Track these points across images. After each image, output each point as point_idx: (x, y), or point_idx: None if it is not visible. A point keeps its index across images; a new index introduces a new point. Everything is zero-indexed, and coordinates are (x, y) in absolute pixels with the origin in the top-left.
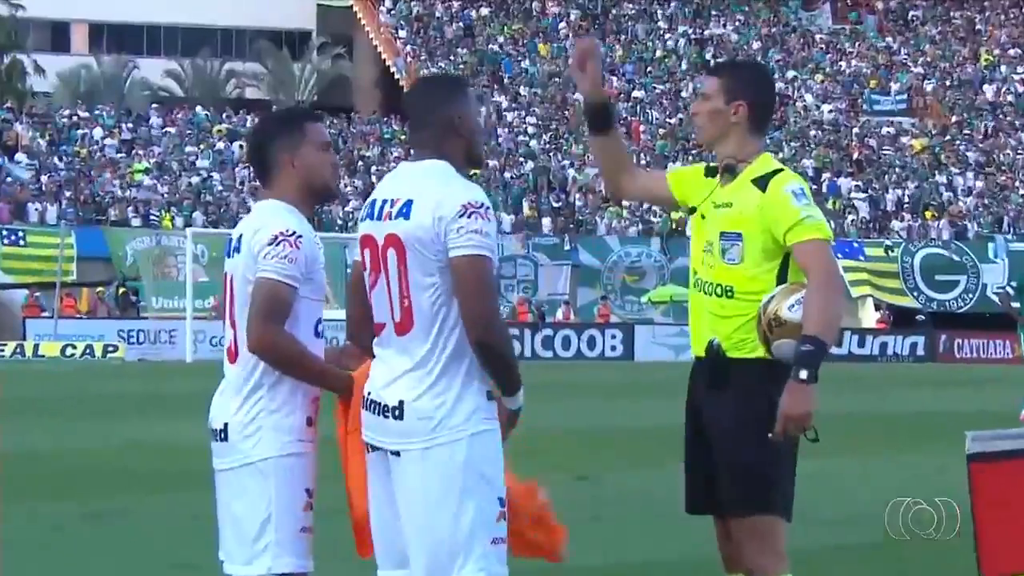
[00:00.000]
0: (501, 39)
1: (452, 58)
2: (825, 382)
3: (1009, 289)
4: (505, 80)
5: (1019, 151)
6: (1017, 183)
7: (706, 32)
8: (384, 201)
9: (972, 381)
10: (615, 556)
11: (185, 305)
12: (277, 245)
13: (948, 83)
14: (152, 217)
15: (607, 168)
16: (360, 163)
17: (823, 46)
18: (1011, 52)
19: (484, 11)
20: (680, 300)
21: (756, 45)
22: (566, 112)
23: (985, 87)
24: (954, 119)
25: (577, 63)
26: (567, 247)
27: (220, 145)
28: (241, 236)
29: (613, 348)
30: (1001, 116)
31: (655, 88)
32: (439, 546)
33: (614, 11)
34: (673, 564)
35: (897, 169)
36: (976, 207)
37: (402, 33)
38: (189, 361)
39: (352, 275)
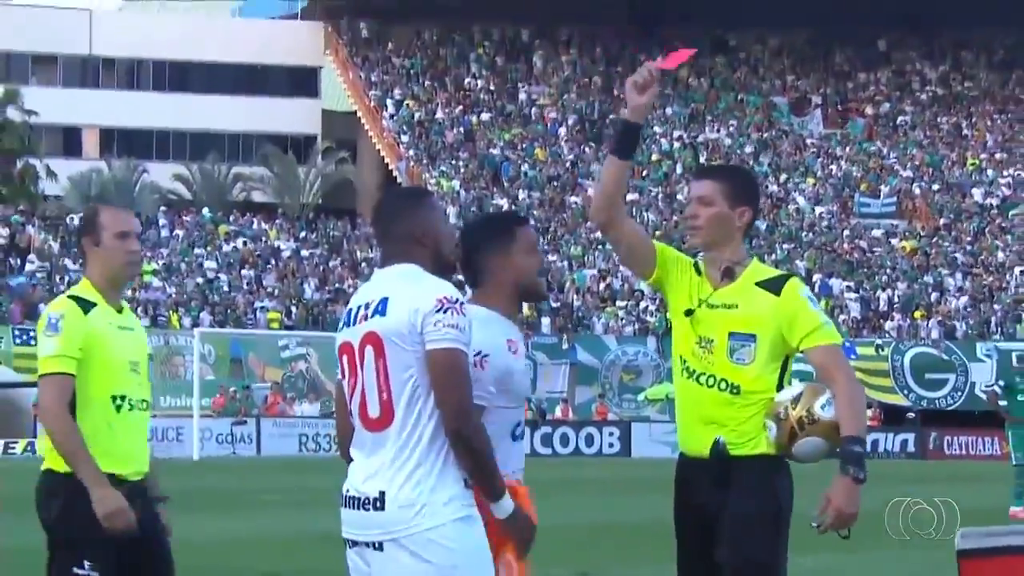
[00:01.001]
0: (500, 143)
1: (453, 162)
2: (819, 479)
3: (997, 388)
4: (504, 183)
5: (1006, 252)
6: (1004, 284)
7: (700, 136)
8: (358, 307)
9: (961, 477)
10: None
11: (192, 403)
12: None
13: (936, 186)
14: (160, 317)
15: (610, 193)
16: (364, 264)
17: (814, 150)
18: (997, 156)
19: (484, 116)
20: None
21: (749, 149)
22: (564, 214)
23: (973, 190)
24: (942, 221)
25: (641, 83)
26: (565, 346)
27: (227, 247)
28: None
29: (611, 445)
30: (988, 219)
31: (650, 191)
32: None
33: (611, 116)
34: None
35: (888, 270)
36: (965, 307)
37: (404, 138)
38: (196, 458)
39: (336, 394)
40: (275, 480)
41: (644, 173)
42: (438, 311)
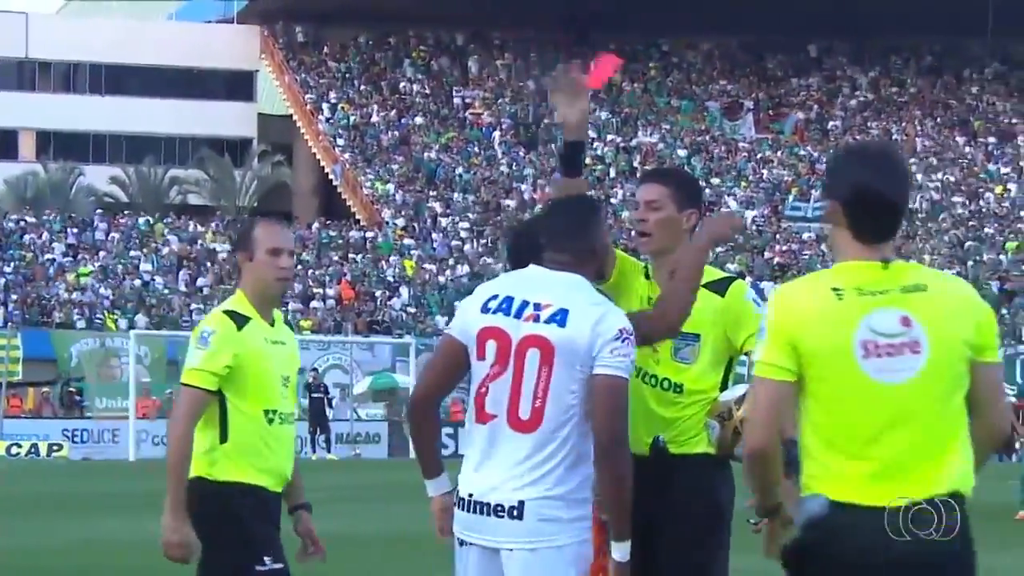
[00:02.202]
0: (435, 147)
1: (388, 165)
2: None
3: None
4: (439, 186)
5: (934, 257)
6: None
7: (634, 140)
8: (524, 302)
9: None
10: None
11: (128, 405)
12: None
13: None
14: (96, 319)
15: None
16: (299, 266)
17: (746, 154)
18: (926, 161)
19: (419, 120)
20: None
21: (682, 153)
22: (499, 216)
23: None
24: None
25: (567, 96)
26: None
27: (164, 249)
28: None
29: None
30: (917, 223)
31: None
32: None
33: (544, 121)
34: None
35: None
36: None
37: (340, 141)
38: (132, 460)
39: (441, 351)
40: None
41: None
42: (617, 339)
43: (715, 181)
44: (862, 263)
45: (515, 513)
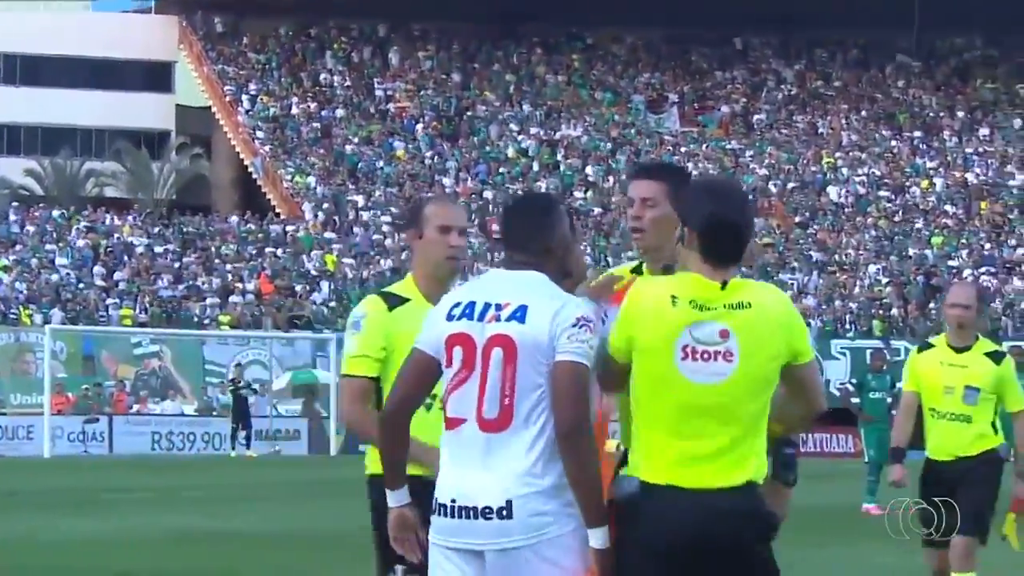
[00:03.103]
0: (357, 139)
1: (309, 158)
2: None
3: (850, 386)
4: (361, 179)
5: (860, 251)
6: (857, 282)
7: (557, 134)
8: (486, 304)
9: (815, 475)
10: None
11: (43, 401)
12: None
13: (791, 185)
14: (11, 314)
15: None
16: (218, 261)
17: (671, 148)
18: (852, 154)
19: (340, 112)
20: None
21: (606, 146)
22: None
23: (828, 188)
24: (797, 219)
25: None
26: None
27: (80, 243)
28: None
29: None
30: (843, 217)
31: (508, 188)
32: None
33: (468, 113)
34: None
35: (743, 268)
36: (818, 305)
37: (259, 134)
38: (47, 457)
39: (410, 364)
40: (128, 479)
41: (500, 170)
42: (574, 326)
43: None
44: (704, 281)
45: (504, 513)
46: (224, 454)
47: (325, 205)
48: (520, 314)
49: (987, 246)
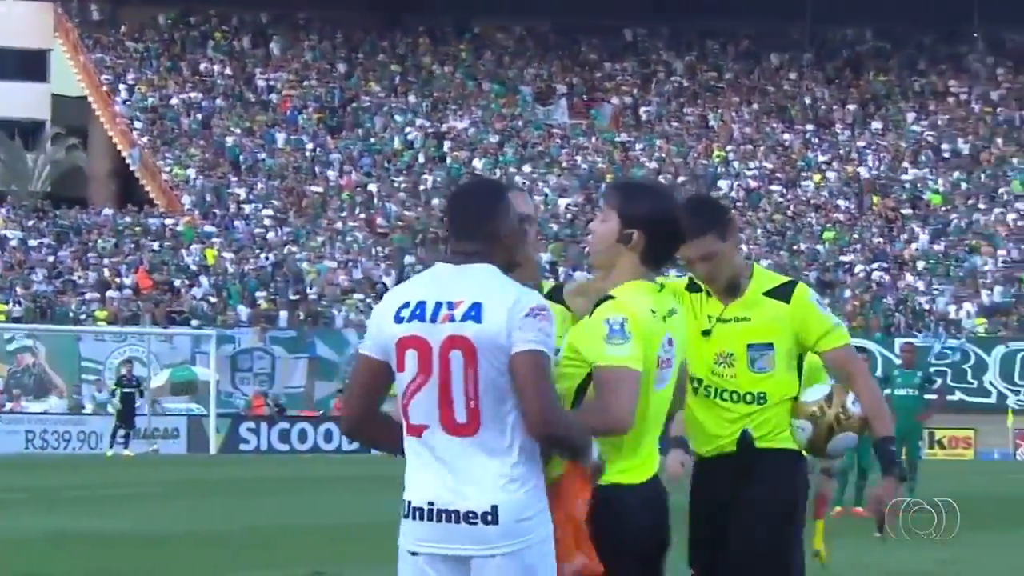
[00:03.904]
0: (238, 131)
1: (189, 149)
2: None
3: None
4: (242, 171)
5: (751, 245)
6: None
7: (444, 126)
8: (436, 303)
9: None
10: None
11: None
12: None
13: (682, 178)
14: None
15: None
16: (94, 255)
17: (559, 141)
18: (743, 148)
19: (220, 102)
20: None
21: (494, 139)
22: (303, 204)
23: (719, 182)
24: None
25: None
26: (305, 340)
27: None
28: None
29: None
30: (734, 211)
31: (393, 181)
32: None
33: (352, 104)
34: None
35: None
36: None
37: (137, 124)
38: None
39: (360, 371)
40: (1, 479)
41: (386, 163)
42: (528, 316)
43: (527, 168)
44: (650, 286)
45: (489, 519)
46: (100, 453)
47: (205, 197)
48: (475, 312)
49: (879, 241)
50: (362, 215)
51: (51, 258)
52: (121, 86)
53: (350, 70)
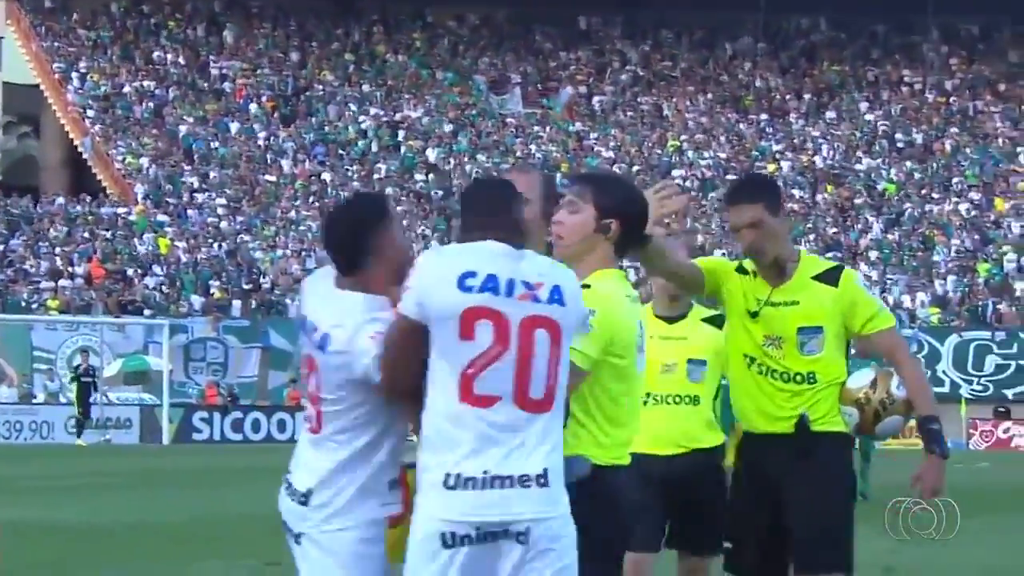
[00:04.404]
0: (191, 119)
1: (141, 139)
2: None
3: None
4: (196, 160)
5: (706, 235)
6: None
7: (397, 115)
8: (511, 280)
9: None
10: None
11: None
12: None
13: (636, 168)
14: None
15: (648, 264)
16: (46, 244)
17: (513, 130)
18: (697, 137)
19: (173, 91)
20: None
21: (448, 128)
22: (256, 192)
23: (673, 172)
24: None
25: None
26: (258, 330)
27: None
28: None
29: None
30: (689, 200)
31: (347, 170)
32: None
33: (306, 93)
34: None
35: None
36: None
37: (90, 112)
38: None
39: (407, 334)
40: None
41: (340, 152)
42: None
43: (481, 157)
44: (621, 273)
45: (542, 481)
46: (52, 443)
47: (158, 186)
48: (558, 296)
49: (833, 231)
50: (316, 204)
51: (2, 247)
52: (73, 74)
53: (303, 59)
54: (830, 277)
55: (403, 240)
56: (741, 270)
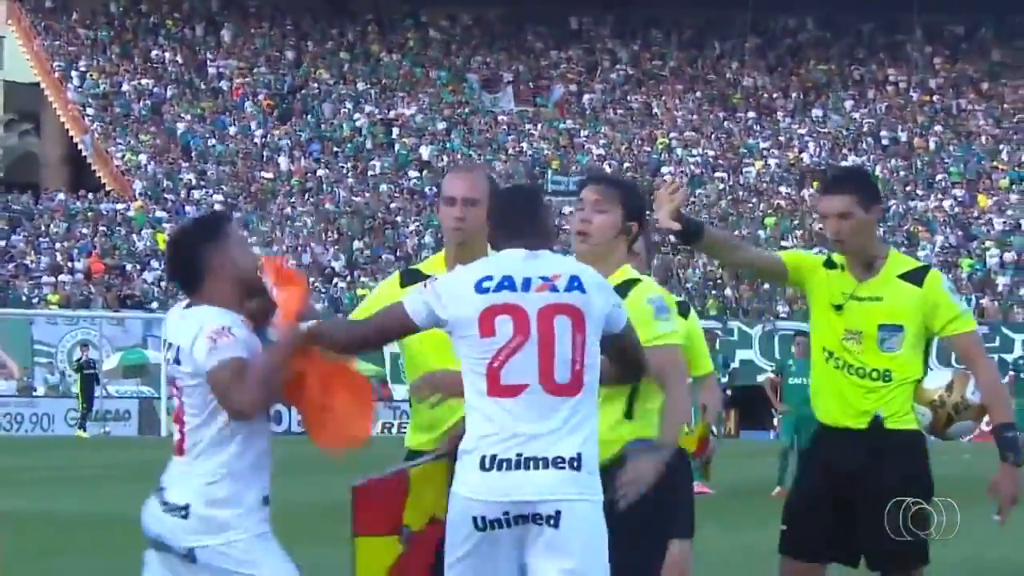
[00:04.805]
0: (189, 117)
1: (140, 136)
2: None
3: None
4: (193, 157)
5: None
6: (692, 262)
7: (391, 113)
8: (526, 278)
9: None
10: None
11: None
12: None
13: (626, 164)
14: None
15: (725, 261)
16: (47, 239)
17: (505, 127)
18: (686, 135)
19: (171, 89)
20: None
21: (441, 126)
22: (253, 189)
23: (662, 168)
24: None
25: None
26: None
27: None
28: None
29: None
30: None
31: (341, 167)
32: None
33: (302, 91)
34: None
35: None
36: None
37: (89, 111)
38: None
39: (391, 319)
40: None
41: (335, 149)
42: (615, 305)
43: (474, 154)
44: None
45: (575, 464)
46: (52, 435)
47: (157, 183)
48: (578, 284)
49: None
50: (311, 201)
51: (3, 243)
52: (73, 73)
53: (299, 57)
54: (916, 277)
55: (243, 256)
56: (829, 264)
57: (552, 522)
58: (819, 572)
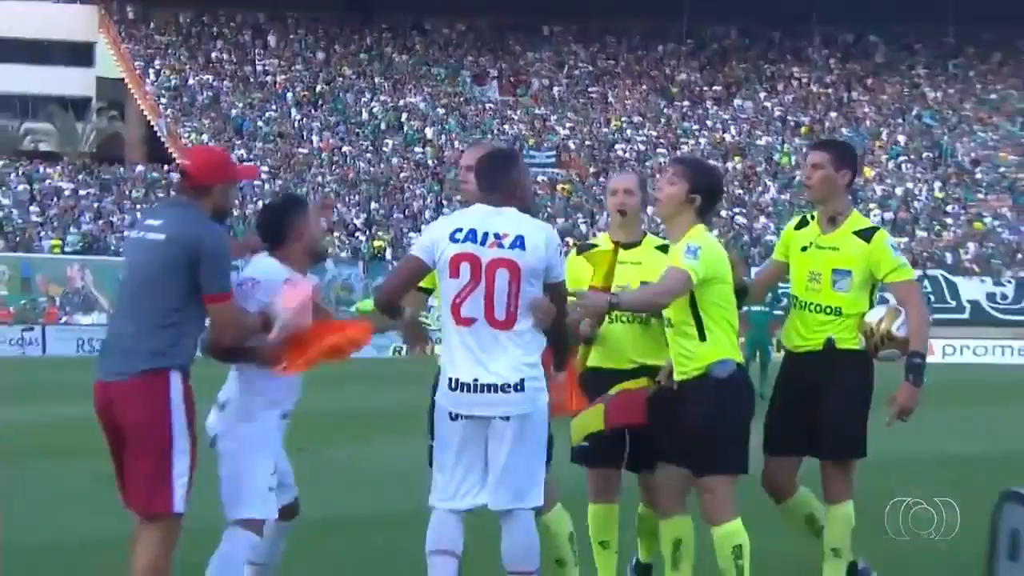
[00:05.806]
0: (241, 105)
1: (203, 120)
2: None
3: None
4: (244, 137)
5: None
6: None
7: (402, 102)
8: (485, 233)
9: None
10: (333, 509)
11: None
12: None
13: (587, 142)
14: None
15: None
16: (129, 202)
17: (491, 113)
18: (635, 119)
19: (228, 83)
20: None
21: (441, 112)
22: (292, 162)
23: (616, 146)
24: (592, 170)
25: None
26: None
27: (19, 187)
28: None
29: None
30: (629, 169)
31: (362, 144)
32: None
33: (330, 84)
34: (373, 515)
35: (548, 208)
36: None
37: (163, 100)
38: None
39: (407, 266)
40: (59, 376)
41: (357, 131)
42: (559, 252)
43: (466, 134)
44: (705, 228)
45: (519, 388)
46: None
47: None
48: (520, 243)
49: (739, 192)
50: (337, 171)
51: (96, 204)
52: (150, 70)
53: (328, 58)
54: (866, 235)
55: (313, 229)
56: (803, 222)
57: (504, 419)
58: (794, 464)
